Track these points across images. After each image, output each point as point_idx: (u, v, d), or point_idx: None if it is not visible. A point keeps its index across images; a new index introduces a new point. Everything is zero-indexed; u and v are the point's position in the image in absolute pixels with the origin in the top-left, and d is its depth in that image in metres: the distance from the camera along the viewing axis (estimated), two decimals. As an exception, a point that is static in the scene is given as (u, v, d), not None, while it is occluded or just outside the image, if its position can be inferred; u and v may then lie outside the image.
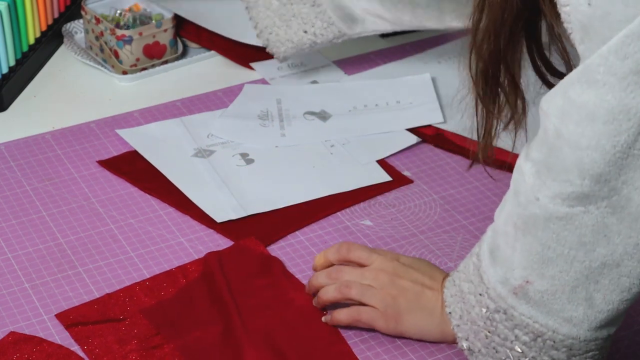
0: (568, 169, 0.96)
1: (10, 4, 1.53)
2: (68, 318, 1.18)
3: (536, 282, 1.02)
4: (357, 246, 1.19)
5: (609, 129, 0.93)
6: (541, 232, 1.00)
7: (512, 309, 1.04)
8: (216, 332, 1.16)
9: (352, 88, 1.58)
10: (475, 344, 1.09)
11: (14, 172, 1.41)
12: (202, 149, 1.45)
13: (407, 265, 1.16)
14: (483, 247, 1.08)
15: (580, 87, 0.94)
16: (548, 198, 0.98)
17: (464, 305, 1.09)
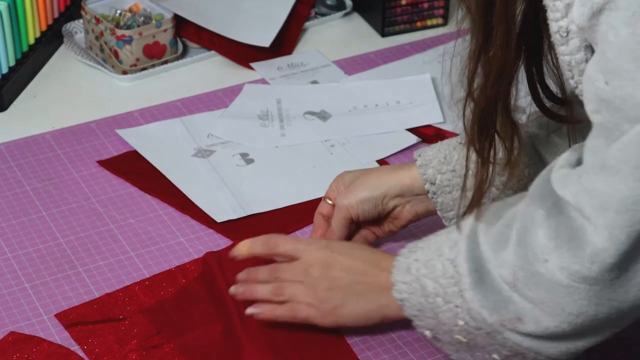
0: (581, 247, 0.94)
1: (10, 4, 1.53)
2: (68, 318, 1.18)
3: (529, 325, 1.00)
4: (284, 239, 1.16)
5: (622, 219, 0.91)
6: (543, 292, 0.98)
7: (497, 332, 1.03)
8: (216, 331, 1.16)
9: (352, 88, 1.58)
10: (443, 337, 1.07)
11: (14, 172, 1.41)
12: (202, 149, 1.45)
13: (338, 252, 1.14)
14: (461, 259, 1.04)
15: (594, 174, 0.93)
16: (556, 266, 0.96)
17: (427, 303, 1.06)
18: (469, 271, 1.02)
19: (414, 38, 1.72)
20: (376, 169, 1.27)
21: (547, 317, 0.98)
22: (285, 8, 1.72)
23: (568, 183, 0.96)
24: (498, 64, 1.01)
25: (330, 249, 1.14)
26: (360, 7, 1.79)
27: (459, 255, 1.04)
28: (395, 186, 1.22)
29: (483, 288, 1.02)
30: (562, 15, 0.94)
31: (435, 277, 1.05)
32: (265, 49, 1.65)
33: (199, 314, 1.18)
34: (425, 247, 1.09)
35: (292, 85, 1.60)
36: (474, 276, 1.02)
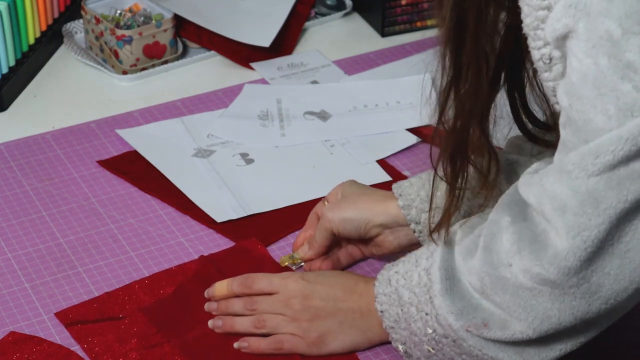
0: (543, 249, 0.96)
1: (10, 4, 1.53)
2: (67, 317, 1.18)
3: (494, 331, 1.01)
4: (260, 277, 1.17)
5: (579, 222, 0.92)
6: (509, 296, 0.99)
7: (462, 340, 1.04)
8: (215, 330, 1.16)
9: (352, 88, 1.58)
10: (414, 352, 1.09)
11: (14, 172, 1.41)
12: (202, 149, 1.45)
13: (314, 282, 1.15)
14: (435, 268, 1.05)
15: (553, 177, 0.94)
16: (519, 269, 0.97)
17: (402, 313, 1.08)
18: (441, 278, 1.04)
19: (414, 38, 1.72)
20: (373, 192, 1.26)
21: (515, 321, 0.99)
22: (285, 8, 1.72)
23: (531, 184, 0.98)
24: (469, 101, 1.03)
25: (306, 280, 1.15)
26: (360, 7, 1.79)
27: (433, 264, 1.06)
28: (381, 215, 1.22)
29: (452, 294, 1.03)
30: (545, 43, 0.95)
31: (411, 287, 1.07)
32: (265, 49, 1.65)
33: (198, 313, 1.18)
34: (405, 260, 1.11)
35: (292, 85, 1.60)
36: (444, 283, 1.04)
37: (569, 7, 0.89)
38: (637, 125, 0.88)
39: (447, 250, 1.06)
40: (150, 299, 1.20)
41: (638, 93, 0.88)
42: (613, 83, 0.89)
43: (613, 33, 0.88)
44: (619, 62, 0.88)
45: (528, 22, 0.95)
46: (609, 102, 0.89)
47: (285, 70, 1.63)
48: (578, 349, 1.02)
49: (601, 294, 0.95)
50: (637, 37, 0.87)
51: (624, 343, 1.17)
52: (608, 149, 0.90)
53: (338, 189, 1.26)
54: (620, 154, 0.89)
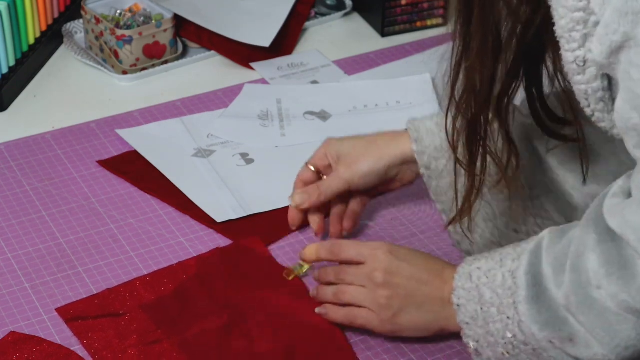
0: (633, 277, 0.94)
1: (10, 4, 1.53)
2: (68, 313, 1.18)
3: (579, 348, 1.00)
4: (348, 245, 1.17)
5: None
6: (594, 317, 0.98)
7: (543, 350, 1.03)
8: (215, 328, 1.16)
9: (352, 88, 1.58)
10: (486, 351, 1.07)
11: (14, 172, 1.41)
12: (202, 149, 1.45)
13: (402, 259, 1.13)
14: (521, 272, 1.03)
15: (637, 208, 0.93)
16: (607, 293, 0.96)
17: (482, 312, 1.06)
18: (527, 285, 1.02)
19: (414, 38, 1.72)
20: (371, 138, 1.27)
21: (597, 343, 0.98)
22: (285, 8, 1.72)
23: (615, 213, 0.96)
24: (476, 75, 1.03)
25: (394, 255, 1.14)
26: (360, 7, 1.79)
27: (519, 267, 1.04)
28: (398, 156, 1.24)
29: (538, 303, 1.02)
30: (579, 45, 0.92)
31: (494, 287, 1.06)
32: (265, 49, 1.65)
33: (198, 311, 1.18)
34: (489, 257, 1.09)
35: (292, 85, 1.60)
36: (531, 290, 1.02)
37: (626, 14, 0.85)
38: None
39: (535, 254, 1.04)
40: (151, 296, 1.20)
41: None
42: None
43: None
44: None
45: (563, 24, 0.92)
46: None
47: (285, 70, 1.63)
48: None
49: None
50: None
51: None
52: None
53: (327, 152, 1.27)
54: None
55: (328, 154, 1.27)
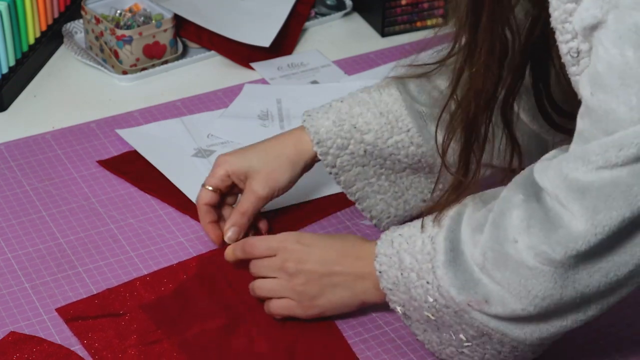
0: (553, 229, 0.96)
1: (10, 4, 1.53)
2: (68, 313, 1.18)
3: (495, 307, 1.01)
4: (258, 241, 1.19)
5: (597, 209, 0.93)
6: (509, 273, 0.99)
7: (464, 312, 1.04)
8: (215, 328, 1.16)
9: (352, 88, 1.58)
10: (413, 314, 1.09)
11: (14, 172, 1.41)
12: (202, 148, 1.45)
13: (310, 245, 1.16)
14: (441, 237, 1.05)
15: (574, 164, 0.95)
16: (525, 245, 0.98)
17: (402, 277, 1.08)
18: (445, 250, 1.04)
19: (414, 38, 1.72)
20: (274, 149, 1.27)
21: (514, 299, 0.99)
22: (285, 8, 1.72)
23: (548, 169, 0.98)
24: (479, 80, 1.05)
25: (302, 242, 1.16)
26: (360, 7, 1.79)
27: (439, 233, 1.06)
28: (308, 159, 1.27)
29: (454, 267, 1.03)
30: (572, 36, 0.96)
31: (413, 253, 1.07)
32: (265, 49, 1.65)
33: (198, 311, 1.18)
34: (412, 224, 1.11)
35: (292, 85, 1.60)
36: (448, 255, 1.04)
37: (601, 1, 0.91)
38: None
39: (455, 220, 1.06)
40: (151, 296, 1.20)
41: None
42: (638, 75, 0.90)
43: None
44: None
45: (556, 15, 0.95)
46: (632, 93, 0.90)
47: (285, 70, 1.63)
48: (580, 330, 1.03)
49: (601, 265, 0.96)
50: None
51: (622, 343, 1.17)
52: (633, 141, 0.91)
53: (229, 170, 1.26)
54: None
55: (232, 174, 1.26)
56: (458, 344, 1.07)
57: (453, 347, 1.08)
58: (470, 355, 1.07)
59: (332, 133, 1.25)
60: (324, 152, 1.25)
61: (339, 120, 1.25)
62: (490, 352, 1.06)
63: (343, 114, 1.25)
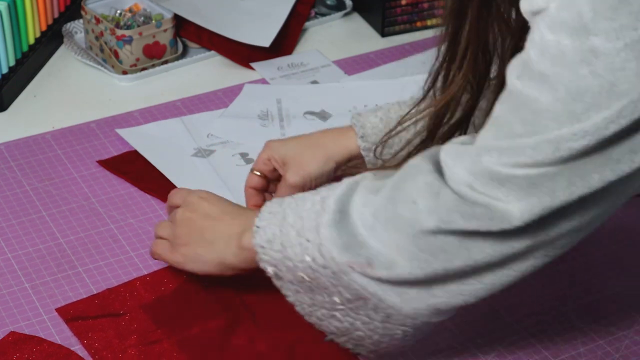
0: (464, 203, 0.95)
1: (10, 4, 1.53)
2: (68, 313, 1.18)
3: (380, 271, 1.00)
4: (175, 193, 1.22)
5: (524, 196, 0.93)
6: (402, 236, 0.98)
7: (343, 273, 1.02)
8: (215, 328, 1.16)
9: (352, 88, 1.58)
10: (286, 275, 1.07)
11: (14, 172, 1.41)
12: (202, 148, 1.45)
13: (204, 199, 1.17)
14: (332, 199, 1.04)
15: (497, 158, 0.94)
16: (427, 208, 0.97)
17: (280, 234, 1.06)
18: (334, 210, 1.03)
19: (414, 38, 1.72)
20: (315, 138, 1.27)
21: (402, 261, 0.98)
22: (285, 8, 1.72)
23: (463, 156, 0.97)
24: (458, 86, 1.07)
25: (200, 195, 1.18)
26: (360, 7, 1.79)
27: (332, 195, 1.05)
28: (345, 154, 1.25)
29: (339, 228, 1.02)
30: None
31: (299, 211, 1.06)
32: (265, 49, 1.65)
33: (198, 311, 1.18)
34: (311, 191, 1.10)
35: (292, 85, 1.60)
36: (336, 215, 1.03)
37: None
38: (600, 120, 0.88)
39: (351, 185, 1.05)
40: (151, 296, 1.20)
41: (594, 80, 0.87)
42: (571, 64, 0.88)
43: (584, 14, 0.87)
44: (583, 45, 0.87)
45: (525, 6, 0.94)
46: (560, 82, 0.89)
47: (285, 70, 1.63)
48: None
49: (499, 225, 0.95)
50: (607, 22, 0.86)
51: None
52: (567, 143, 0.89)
53: (270, 156, 1.27)
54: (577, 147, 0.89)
55: (272, 159, 1.27)
56: (331, 306, 1.05)
57: (325, 309, 1.06)
58: (341, 319, 1.06)
59: (378, 129, 1.24)
60: (367, 148, 1.24)
61: (387, 118, 1.24)
62: (362, 318, 1.04)
63: (392, 113, 1.25)
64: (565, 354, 1.15)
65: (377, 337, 1.05)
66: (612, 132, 0.88)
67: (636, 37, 0.86)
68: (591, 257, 1.28)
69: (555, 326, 1.19)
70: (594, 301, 1.22)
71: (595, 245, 1.29)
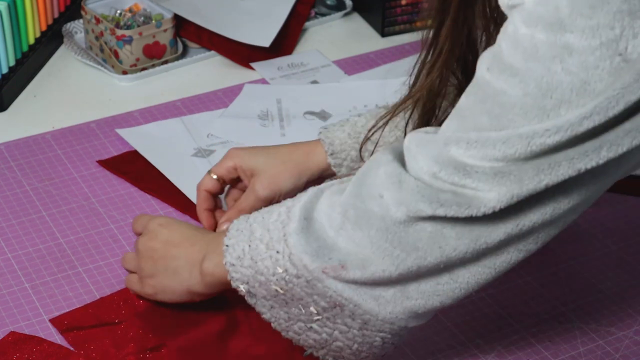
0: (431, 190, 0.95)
1: (10, 4, 1.53)
2: (63, 323, 1.17)
3: (353, 272, 0.99)
4: (138, 219, 1.20)
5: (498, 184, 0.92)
6: (374, 232, 0.98)
7: (317, 281, 1.01)
8: (213, 332, 1.16)
9: (352, 88, 1.58)
10: (259, 291, 1.06)
11: (14, 172, 1.41)
12: (202, 148, 1.45)
13: (163, 226, 1.16)
14: (297, 207, 1.03)
15: (465, 150, 0.94)
16: (394, 200, 0.96)
17: (249, 250, 1.05)
18: (299, 218, 1.02)
19: (414, 38, 1.71)
20: (285, 153, 1.26)
21: (375, 259, 0.98)
22: (285, 8, 1.72)
23: (427, 145, 0.96)
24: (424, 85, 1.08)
25: (159, 222, 1.16)
26: (360, 7, 1.79)
27: (297, 203, 1.04)
28: (316, 171, 1.25)
29: (307, 234, 1.01)
30: None
31: (266, 224, 1.05)
32: (265, 49, 1.65)
33: (194, 316, 1.17)
34: (278, 203, 1.09)
35: (292, 85, 1.60)
36: (302, 222, 1.02)
37: None
38: (574, 117, 0.88)
39: (316, 193, 1.04)
40: (145, 303, 1.19)
41: (566, 76, 0.87)
42: (544, 59, 0.88)
43: (561, 10, 0.87)
44: (558, 41, 0.87)
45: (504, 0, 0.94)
46: (531, 77, 0.89)
47: (285, 70, 1.63)
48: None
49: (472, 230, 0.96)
50: (585, 19, 0.86)
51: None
52: (540, 139, 0.89)
53: (237, 164, 1.25)
54: (550, 142, 0.89)
55: (238, 168, 1.26)
56: (307, 318, 1.04)
57: (302, 322, 1.05)
58: (319, 331, 1.05)
59: (347, 145, 1.24)
60: (337, 164, 1.24)
61: (355, 132, 1.24)
62: (340, 327, 1.03)
63: (359, 127, 1.25)
64: (565, 354, 1.15)
65: (357, 346, 1.05)
66: (586, 128, 0.88)
67: (612, 37, 0.86)
68: (591, 257, 1.28)
69: (555, 326, 1.19)
70: (594, 301, 1.22)
71: (595, 245, 1.29)
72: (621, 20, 0.85)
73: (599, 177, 0.93)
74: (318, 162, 1.25)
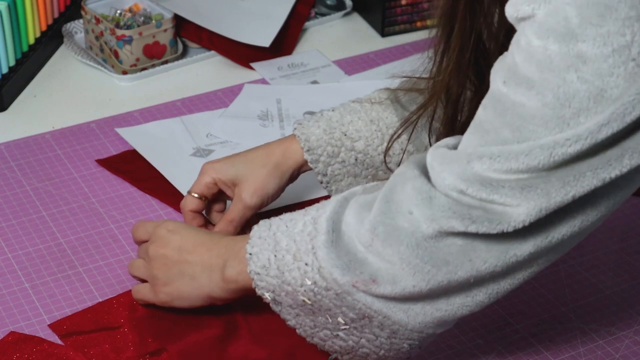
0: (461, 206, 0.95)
1: (10, 4, 1.53)
2: (62, 328, 1.17)
3: (384, 287, 0.99)
4: (138, 227, 1.20)
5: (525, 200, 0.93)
6: (404, 248, 0.97)
7: (347, 294, 1.01)
8: (213, 336, 1.15)
9: (352, 88, 1.58)
10: (285, 300, 1.05)
11: (14, 172, 1.41)
12: (201, 148, 1.45)
13: (174, 232, 1.15)
14: (323, 218, 1.02)
15: (488, 165, 0.94)
16: (424, 217, 0.96)
17: (275, 260, 1.05)
18: (327, 230, 1.02)
19: (414, 38, 1.72)
20: (263, 157, 1.26)
21: (405, 275, 0.98)
22: (285, 8, 1.72)
23: (451, 162, 0.96)
24: (439, 89, 1.08)
25: (168, 228, 1.15)
26: (360, 7, 1.79)
27: (323, 214, 1.03)
28: (296, 167, 1.26)
29: (337, 248, 1.01)
30: None
31: (292, 234, 1.05)
32: (265, 49, 1.65)
33: (194, 320, 1.17)
34: (298, 211, 1.09)
35: (292, 85, 1.60)
36: (330, 235, 1.01)
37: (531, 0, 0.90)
38: (593, 125, 0.88)
39: (341, 203, 1.04)
40: (144, 307, 1.18)
41: (582, 85, 0.88)
42: (559, 70, 0.89)
43: (571, 21, 0.87)
44: (570, 51, 0.88)
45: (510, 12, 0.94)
46: (548, 88, 0.89)
47: (285, 70, 1.63)
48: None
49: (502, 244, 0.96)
50: (595, 28, 0.87)
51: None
52: (561, 149, 0.90)
53: (216, 178, 1.25)
54: (571, 152, 0.90)
55: (218, 182, 1.25)
56: (334, 327, 1.04)
57: (328, 330, 1.05)
58: (345, 339, 1.05)
59: (323, 141, 1.24)
60: (314, 160, 1.24)
61: (330, 128, 1.24)
62: (368, 336, 1.04)
63: (334, 122, 1.25)
64: (565, 354, 1.15)
65: (383, 352, 1.05)
66: (605, 135, 0.89)
67: (624, 43, 0.86)
68: (591, 257, 1.28)
69: (555, 326, 1.19)
70: (594, 301, 1.22)
71: (595, 245, 1.29)
72: (631, 27, 0.86)
73: (623, 186, 0.94)
74: (296, 159, 1.25)
